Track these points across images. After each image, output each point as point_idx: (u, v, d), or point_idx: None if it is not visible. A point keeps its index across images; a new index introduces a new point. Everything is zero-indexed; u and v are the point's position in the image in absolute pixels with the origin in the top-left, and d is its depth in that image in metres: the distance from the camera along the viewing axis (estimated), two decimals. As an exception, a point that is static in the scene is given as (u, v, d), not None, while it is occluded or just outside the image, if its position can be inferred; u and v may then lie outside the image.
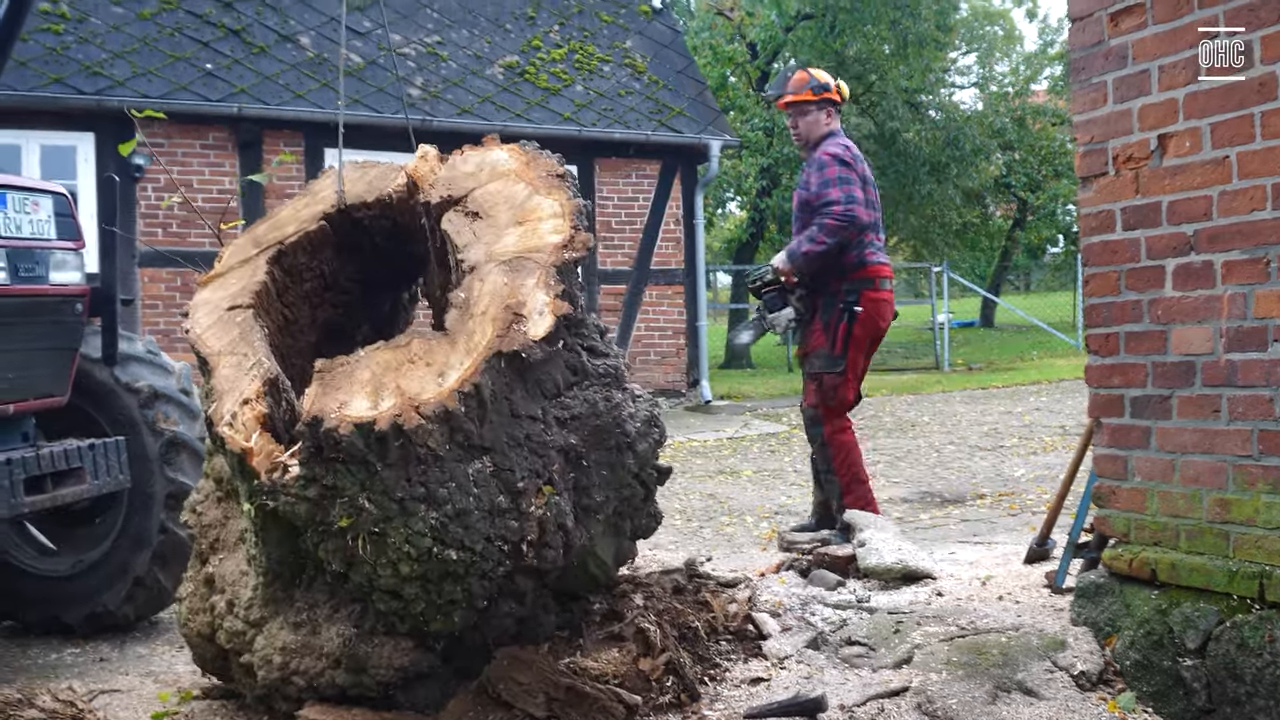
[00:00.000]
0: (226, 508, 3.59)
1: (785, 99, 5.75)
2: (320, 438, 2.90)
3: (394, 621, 3.21)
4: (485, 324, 3.12)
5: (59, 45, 11.76)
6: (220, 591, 3.45)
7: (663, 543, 6.59)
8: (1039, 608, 4.11)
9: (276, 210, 3.83)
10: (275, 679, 3.27)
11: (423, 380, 3.01)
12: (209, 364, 3.27)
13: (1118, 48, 3.41)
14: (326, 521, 3.01)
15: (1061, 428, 11.04)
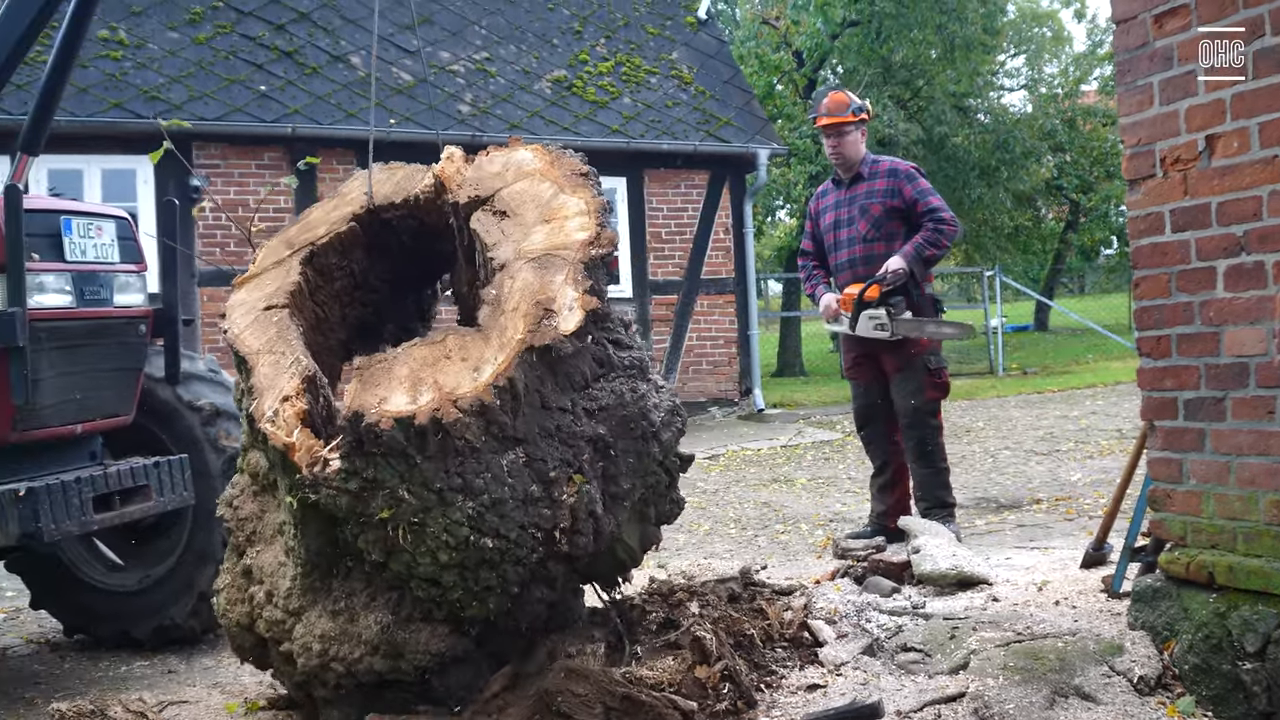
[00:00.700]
0: (263, 501, 3.66)
1: (825, 120, 5.99)
2: (361, 432, 3.01)
3: (430, 608, 3.31)
4: (517, 320, 3.20)
5: (118, 71, 12.02)
6: (259, 582, 3.54)
7: (718, 551, 6.62)
8: (1096, 612, 4.09)
9: (308, 212, 3.91)
10: (314, 666, 3.37)
11: (459, 375, 3.12)
12: (248, 363, 3.37)
13: (1162, 49, 3.41)
14: (367, 513, 3.11)
15: (1118, 431, 10.93)
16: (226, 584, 3.67)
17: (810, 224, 6.29)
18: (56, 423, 4.27)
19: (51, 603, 5.37)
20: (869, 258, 5.88)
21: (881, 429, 6.07)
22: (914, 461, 5.95)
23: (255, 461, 3.65)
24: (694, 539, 7.16)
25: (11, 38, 4.85)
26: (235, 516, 3.69)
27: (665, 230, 14.16)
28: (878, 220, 5.89)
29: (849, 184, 6.04)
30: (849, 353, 6.12)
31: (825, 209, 6.15)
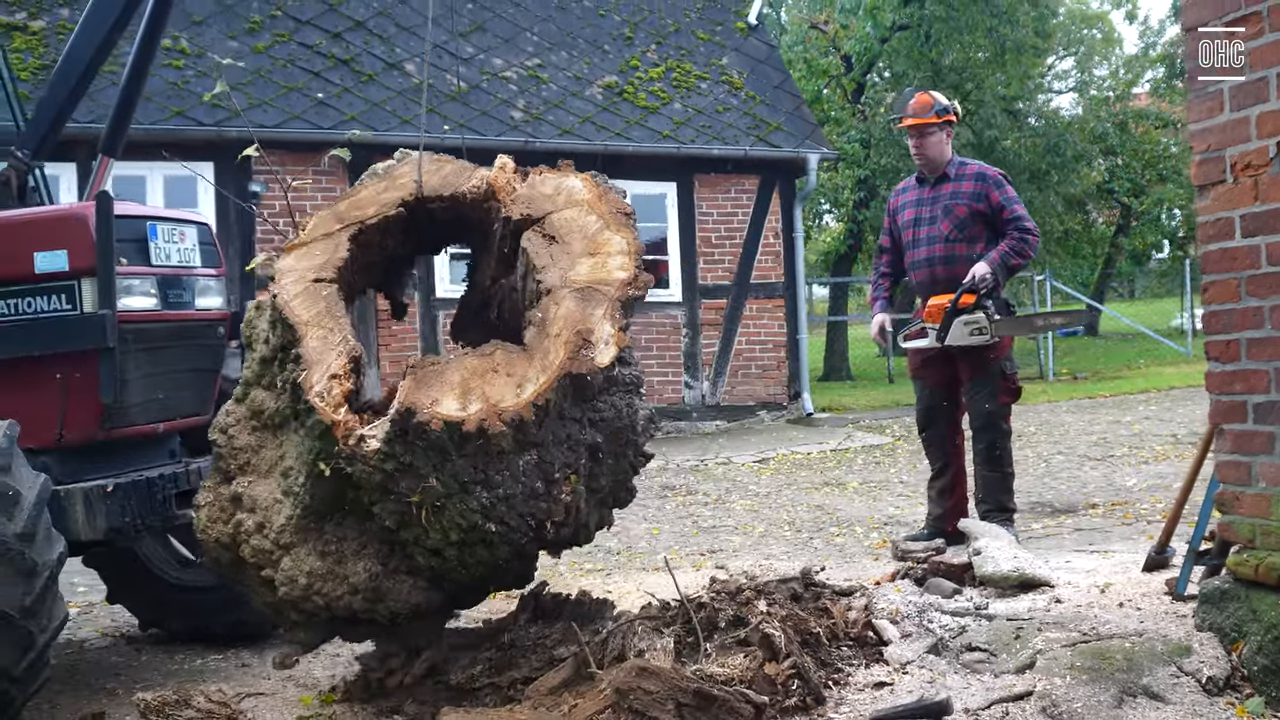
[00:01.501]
0: (261, 437, 3.89)
1: (909, 120, 6.03)
2: (410, 427, 3.32)
3: (418, 567, 3.71)
4: (558, 345, 3.48)
5: (179, 80, 12.26)
6: (250, 511, 3.81)
7: (774, 553, 6.68)
8: (1161, 614, 4.11)
9: (357, 189, 4.08)
10: (296, 596, 3.74)
11: (503, 389, 3.42)
12: (296, 332, 3.63)
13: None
14: (396, 490, 3.45)
15: (1173, 436, 10.87)
16: (209, 502, 3.92)
17: (889, 220, 6.32)
18: (141, 421, 4.40)
19: (127, 597, 5.51)
20: (949, 258, 5.91)
21: (943, 431, 6.10)
22: (981, 464, 5.97)
23: (260, 400, 3.88)
24: (749, 540, 7.22)
25: (89, 48, 5.04)
26: (229, 444, 3.90)
27: (715, 235, 14.22)
28: (962, 222, 5.92)
29: (934, 184, 6.06)
30: (919, 352, 6.10)
31: (905, 205, 6.17)
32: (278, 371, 3.82)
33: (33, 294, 4.16)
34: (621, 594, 5.30)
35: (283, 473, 3.79)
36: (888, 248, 6.32)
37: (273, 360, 3.85)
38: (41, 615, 3.66)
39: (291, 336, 3.67)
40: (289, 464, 3.77)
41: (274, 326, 3.83)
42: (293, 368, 3.68)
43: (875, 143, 22.17)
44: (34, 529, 3.63)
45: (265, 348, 3.88)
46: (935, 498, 6.12)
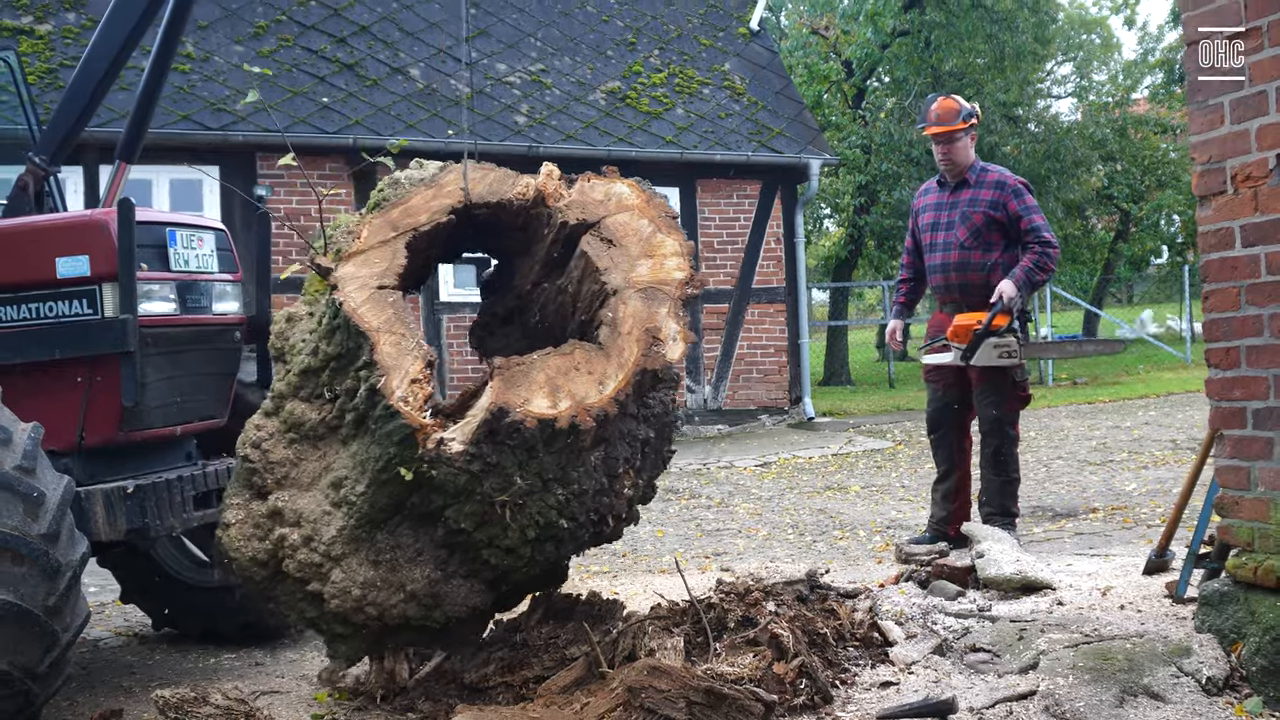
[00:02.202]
0: (299, 450, 3.91)
1: (935, 129, 6.02)
2: (502, 427, 3.42)
3: (476, 568, 3.80)
4: (631, 343, 3.61)
5: (185, 84, 12.33)
6: (294, 525, 3.82)
7: (779, 556, 6.75)
8: (1161, 616, 4.20)
9: (407, 197, 4.08)
10: (348, 608, 3.77)
11: (587, 386, 3.53)
12: (369, 339, 3.65)
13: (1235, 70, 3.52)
14: (480, 491, 3.53)
15: (1172, 442, 10.95)
16: (239, 520, 3.91)
17: (912, 222, 6.35)
18: (159, 424, 4.47)
19: (141, 597, 5.59)
20: (964, 264, 5.94)
21: (952, 434, 6.11)
22: (987, 468, 6.02)
23: (299, 412, 3.89)
24: (753, 543, 7.30)
25: (107, 55, 5.11)
26: (264, 459, 3.90)
27: (717, 240, 14.30)
28: (978, 229, 5.92)
29: (954, 188, 6.07)
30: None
31: (926, 208, 6.19)
32: (327, 381, 3.85)
33: (55, 299, 4.23)
34: (629, 595, 5.37)
35: (332, 484, 3.81)
36: (910, 249, 6.33)
37: (320, 370, 3.87)
38: (64, 614, 3.73)
39: (358, 343, 3.71)
40: (341, 474, 3.79)
41: (330, 335, 3.84)
42: (359, 375, 3.70)
43: (876, 148, 22.25)
44: (58, 530, 3.70)
45: (310, 358, 3.89)
46: (939, 500, 6.15)
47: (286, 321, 4.03)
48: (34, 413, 3.95)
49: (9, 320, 4.25)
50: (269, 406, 3.96)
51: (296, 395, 3.90)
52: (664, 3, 15.90)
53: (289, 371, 3.94)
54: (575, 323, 4.00)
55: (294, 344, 3.97)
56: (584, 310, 3.93)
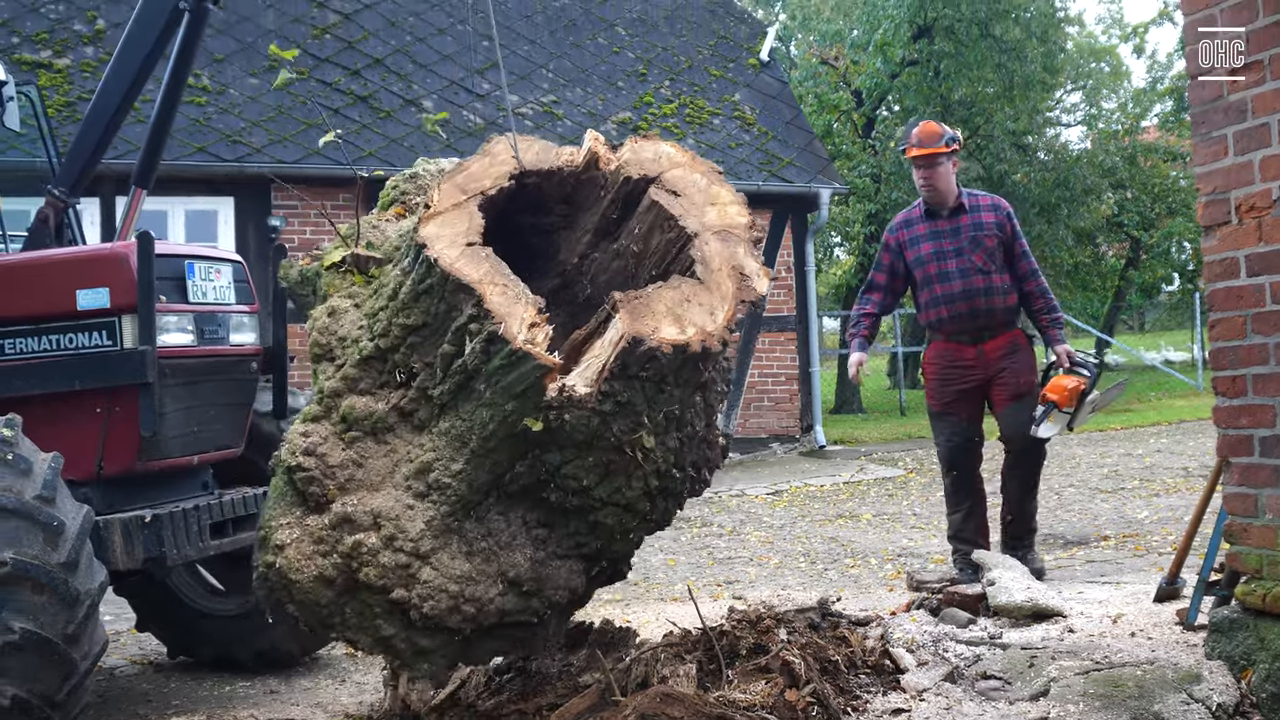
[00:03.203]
0: (361, 449, 3.69)
1: (918, 151, 5.93)
2: (637, 356, 3.37)
3: (582, 543, 3.70)
4: (724, 279, 3.61)
5: (201, 116, 12.48)
6: (371, 529, 3.58)
7: (790, 584, 6.77)
8: (1172, 643, 4.21)
9: (466, 164, 3.98)
10: (442, 610, 3.55)
11: (702, 316, 3.52)
12: (474, 291, 3.51)
13: (1237, 103, 3.57)
14: (609, 434, 3.45)
15: (1184, 469, 10.94)
16: (296, 539, 3.63)
17: (888, 256, 6.08)
18: (177, 454, 4.53)
19: (157, 626, 5.63)
20: (989, 289, 5.81)
21: (972, 470, 5.95)
22: (1016, 487, 5.91)
23: (358, 408, 3.70)
24: (765, 571, 7.32)
25: (122, 87, 5.23)
26: (322, 465, 3.65)
27: (728, 268, 14.35)
28: (992, 252, 5.83)
29: (949, 215, 5.94)
30: (948, 385, 5.91)
31: (917, 239, 5.96)
32: (402, 360, 3.67)
33: (75, 330, 4.31)
34: (641, 623, 5.40)
35: (413, 474, 3.63)
36: (881, 285, 6.11)
37: (392, 350, 3.69)
38: (83, 642, 3.78)
39: (455, 301, 3.56)
40: (425, 459, 3.62)
41: (412, 304, 3.67)
42: (462, 334, 3.54)
43: (886, 177, 22.33)
44: (77, 559, 3.75)
45: (378, 341, 3.70)
46: (971, 539, 5.90)
47: (329, 317, 3.83)
48: (53, 442, 4.01)
49: (30, 351, 4.32)
50: (316, 411, 3.74)
51: (354, 390, 3.72)
52: (674, 34, 16.04)
53: (342, 366, 3.75)
54: (645, 278, 3.90)
55: (346, 336, 3.79)
56: (655, 264, 3.89)
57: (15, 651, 3.59)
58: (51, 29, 12.94)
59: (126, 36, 5.23)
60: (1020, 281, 5.93)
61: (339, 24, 14.22)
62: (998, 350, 5.86)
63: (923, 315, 6.05)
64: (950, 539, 6.04)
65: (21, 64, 12.09)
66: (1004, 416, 5.90)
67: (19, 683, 3.60)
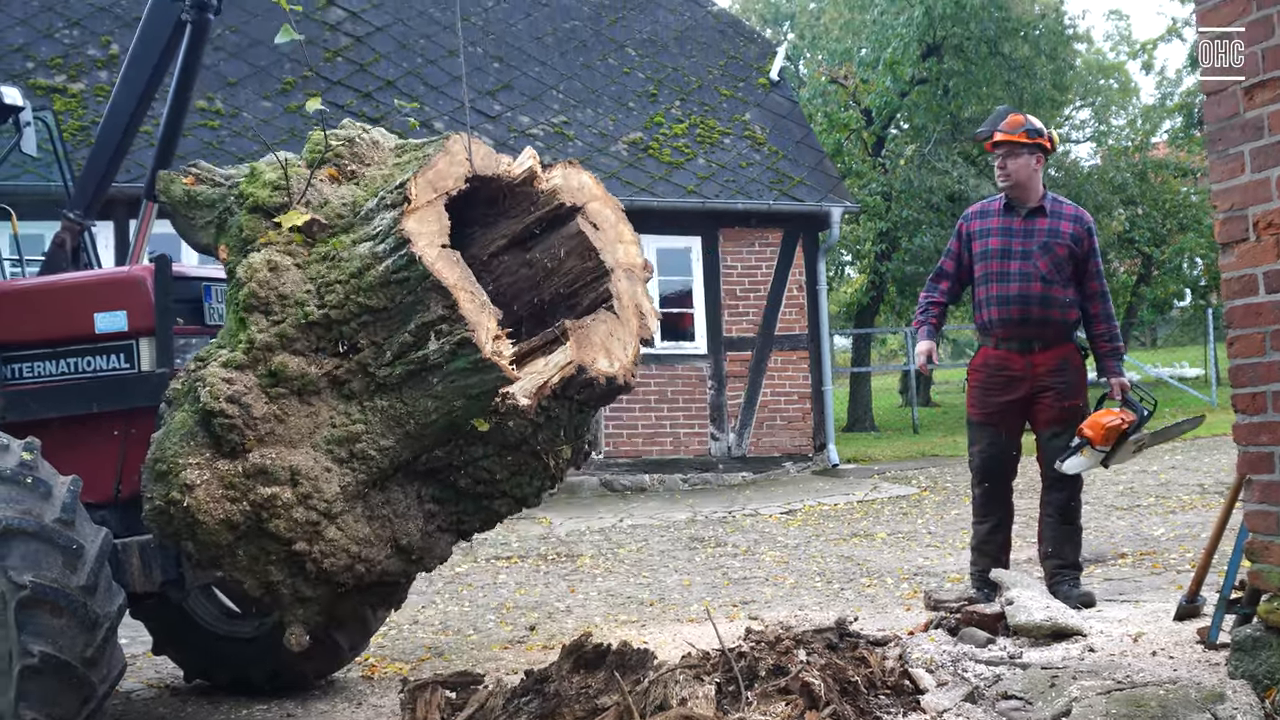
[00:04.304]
0: (284, 405, 3.76)
1: (997, 137, 5.69)
2: (579, 383, 3.75)
3: (465, 521, 4.04)
4: (631, 316, 4.02)
5: (214, 140, 12.55)
6: (286, 484, 3.69)
7: (807, 604, 6.74)
8: (1194, 662, 4.18)
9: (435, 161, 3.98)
10: (339, 565, 3.77)
11: (620, 350, 3.92)
12: (450, 294, 3.66)
13: (1253, 120, 3.57)
14: (535, 440, 3.83)
15: (1200, 486, 10.88)
16: (205, 480, 3.67)
17: (957, 243, 5.86)
18: (194, 476, 4.53)
19: (173, 649, 5.62)
20: (1047, 300, 5.59)
21: (1005, 484, 5.77)
22: (1055, 516, 5.69)
23: (292, 366, 3.76)
24: (781, 591, 7.29)
25: (129, 105, 5.27)
26: (245, 414, 3.69)
27: (739, 287, 14.37)
28: (1060, 262, 5.62)
29: (1026, 215, 5.68)
30: (991, 395, 5.68)
31: (988, 231, 5.73)
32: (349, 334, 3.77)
33: (93, 353, 4.33)
34: (659, 644, 5.38)
35: (335, 440, 3.76)
36: (949, 273, 5.90)
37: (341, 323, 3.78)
38: (101, 666, 3.78)
39: (425, 299, 3.69)
40: (352, 429, 3.76)
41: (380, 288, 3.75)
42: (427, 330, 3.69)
43: (896, 195, 22.36)
44: (96, 582, 3.76)
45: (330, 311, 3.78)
46: (994, 554, 5.77)
47: (271, 271, 3.83)
48: (72, 465, 4.02)
49: (48, 375, 4.34)
50: (240, 359, 3.75)
51: (287, 349, 3.78)
52: (684, 55, 16.10)
53: (280, 323, 3.79)
54: (549, 294, 4.12)
55: (289, 295, 3.82)
56: (564, 284, 4.08)
57: (34, 675, 3.59)
58: (65, 54, 13.04)
59: (131, 54, 5.28)
60: (1086, 301, 5.71)
61: (350, 47, 14.31)
62: (1047, 364, 5.60)
63: (976, 315, 5.83)
64: (973, 549, 5.86)
65: (36, 89, 12.18)
66: (1042, 440, 5.68)
67: (38, 706, 3.60)
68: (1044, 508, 5.78)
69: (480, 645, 6.05)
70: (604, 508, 12.23)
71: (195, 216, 4.17)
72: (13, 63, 12.61)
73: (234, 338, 3.82)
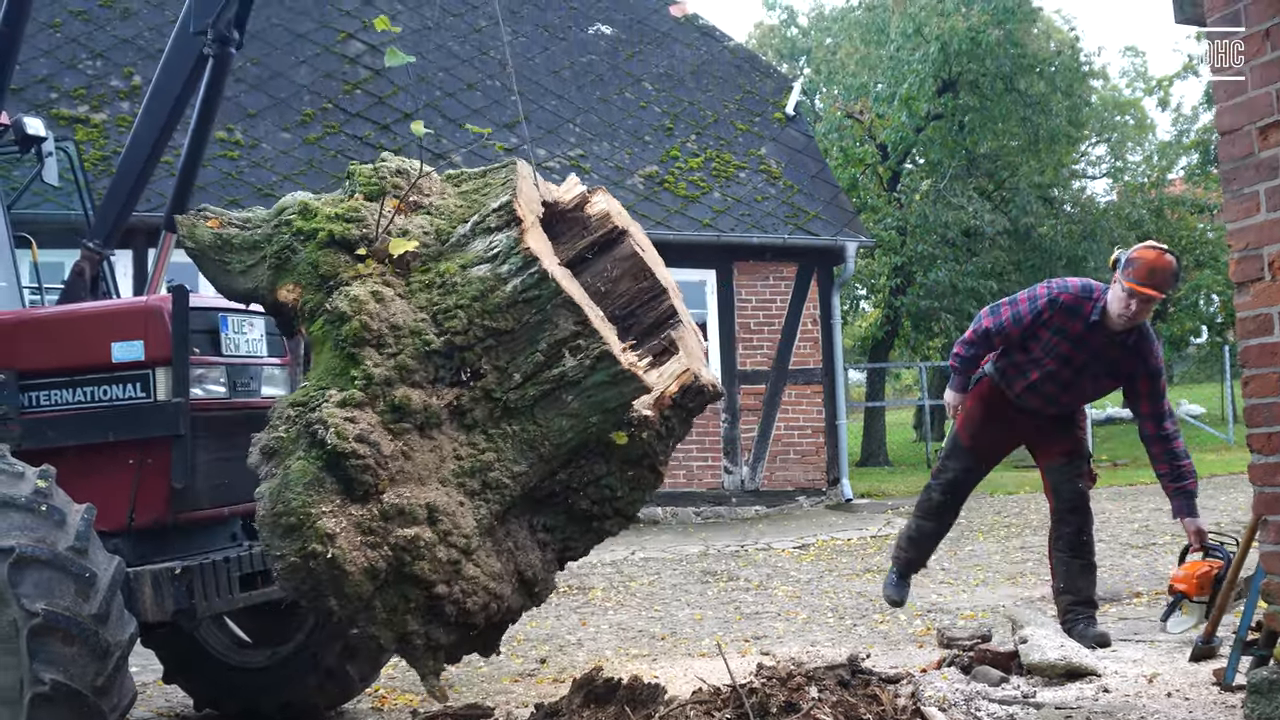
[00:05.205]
0: (408, 441, 3.63)
1: (1150, 291, 5.18)
2: (692, 391, 3.90)
3: (571, 550, 4.02)
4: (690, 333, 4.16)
5: (234, 170, 12.65)
6: (427, 523, 3.53)
7: (819, 639, 6.71)
8: (1210, 704, 4.15)
9: (520, 185, 4.01)
10: (477, 605, 3.67)
11: (701, 364, 4.07)
12: (582, 311, 3.72)
13: (1268, 160, 3.57)
14: (655, 452, 3.93)
15: (1216, 525, 10.72)
16: (344, 528, 3.49)
17: (1031, 318, 5.34)
18: (207, 506, 4.54)
19: (183, 678, 5.61)
20: (1070, 407, 5.63)
21: (963, 500, 5.81)
22: (1067, 551, 5.59)
23: (415, 399, 3.63)
24: (793, 627, 7.25)
25: (151, 137, 5.34)
26: (376, 454, 3.53)
27: (754, 321, 14.38)
28: (1105, 388, 5.55)
29: (1107, 339, 5.31)
30: (990, 426, 5.59)
31: (1063, 333, 5.33)
32: (474, 359, 3.67)
33: (109, 382, 4.35)
34: (669, 679, 5.35)
35: (466, 471, 3.64)
36: (1008, 336, 5.43)
37: (463, 350, 3.67)
38: (112, 694, 3.78)
39: (552, 316, 3.67)
40: (483, 459, 3.65)
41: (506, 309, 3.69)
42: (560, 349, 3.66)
43: (911, 230, 22.38)
44: (108, 610, 3.76)
45: (450, 339, 3.67)
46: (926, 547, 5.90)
47: (378, 303, 3.69)
48: (86, 494, 4.02)
49: (65, 403, 4.36)
50: (359, 397, 3.58)
51: (406, 381, 3.65)
52: (701, 89, 16.18)
53: (397, 355, 3.65)
54: (610, 314, 4.04)
55: (401, 325, 3.70)
56: (620, 305, 4.09)
57: (45, 703, 3.59)
58: (88, 84, 13.19)
59: (154, 86, 5.35)
60: (1140, 420, 5.45)
61: (370, 79, 14.43)
62: (1056, 418, 5.64)
63: (1002, 365, 5.57)
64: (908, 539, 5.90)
65: (59, 119, 12.31)
66: (1055, 471, 5.62)
67: (48, 735, 3.60)
68: (1054, 543, 5.71)
69: (490, 677, 6.03)
70: (616, 540, 12.17)
71: (231, 260, 4.05)
72: (36, 93, 12.75)
73: (343, 375, 3.66)
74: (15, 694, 3.59)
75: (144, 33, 13.79)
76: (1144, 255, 5.19)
